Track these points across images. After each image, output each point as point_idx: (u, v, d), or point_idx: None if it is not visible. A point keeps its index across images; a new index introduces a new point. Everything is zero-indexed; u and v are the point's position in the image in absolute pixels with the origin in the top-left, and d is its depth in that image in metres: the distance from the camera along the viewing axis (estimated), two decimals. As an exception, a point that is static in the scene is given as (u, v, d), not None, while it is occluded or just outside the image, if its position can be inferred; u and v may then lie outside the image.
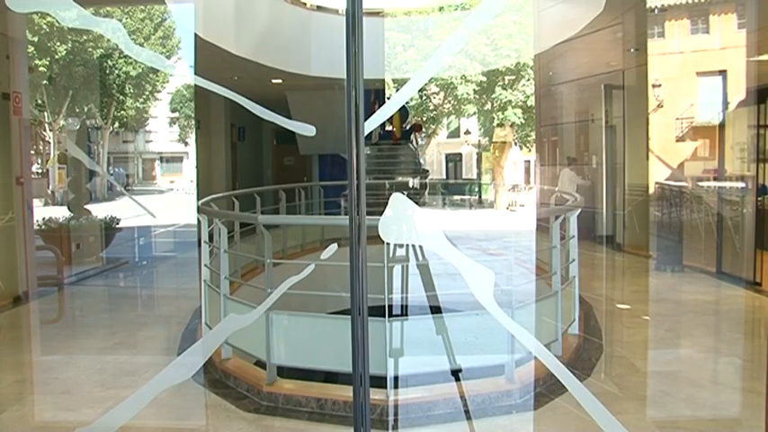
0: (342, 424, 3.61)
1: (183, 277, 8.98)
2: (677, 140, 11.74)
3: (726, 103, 10.73)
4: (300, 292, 5.46)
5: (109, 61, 16.72)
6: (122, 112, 20.00)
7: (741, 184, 7.78)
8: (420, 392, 3.82)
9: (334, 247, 2.69)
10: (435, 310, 5.79)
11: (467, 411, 3.72)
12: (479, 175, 15.66)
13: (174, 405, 3.96)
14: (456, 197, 15.94)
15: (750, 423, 3.46)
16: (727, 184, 8.49)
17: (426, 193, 12.73)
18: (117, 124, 21.50)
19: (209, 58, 8.39)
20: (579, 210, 4.88)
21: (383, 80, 11.24)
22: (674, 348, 5.34)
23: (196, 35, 7.04)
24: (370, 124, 1.11)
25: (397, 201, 2.39)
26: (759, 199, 6.97)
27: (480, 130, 16.98)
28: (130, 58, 17.03)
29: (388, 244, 3.80)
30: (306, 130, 2.51)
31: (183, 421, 3.73)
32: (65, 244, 8.36)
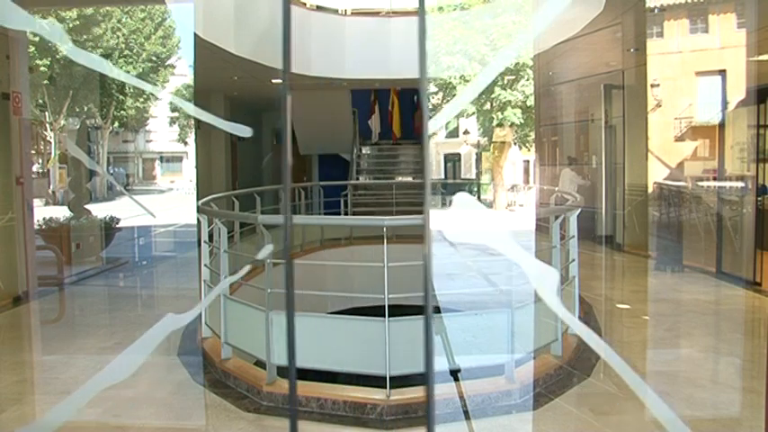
0: (342, 424, 3.61)
1: (183, 277, 8.98)
2: (676, 140, 11.75)
3: (725, 103, 10.73)
4: (301, 292, 5.47)
5: (109, 61, 16.74)
6: (122, 111, 20.02)
7: (741, 184, 7.79)
8: (420, 392, 3.82)
9: (270, 247, 2.64)
10: (435, 310, 5.79)
11: (467, 411, 3.72)
12: (478, 174, 15.65)
13: (174, 405, 3.96)
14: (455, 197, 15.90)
15: (750, 423, 3.46)
16: (727, 184, 8.50)
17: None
18: (117, 124, 21.52)
19: (209, 57, 8.40)
20: (579, 210, 4.88)
21: (382, 80, 11.23)
22: (673, 348, 5.34)
23: (196, 35, 7.04)
24: (435, 123, 1.09)
25: (462, 199, 2.34)
26: (759, 199, 6.98)
27: (479, 130, 16.99)
28: (130, 57, 17.06)
29: (387, 244, 3.80)
30: (241, 131, 2.43)
31: (183, 421, 3.73)
32: (65, 244, 8.36)
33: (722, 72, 11.08)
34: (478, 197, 15.16)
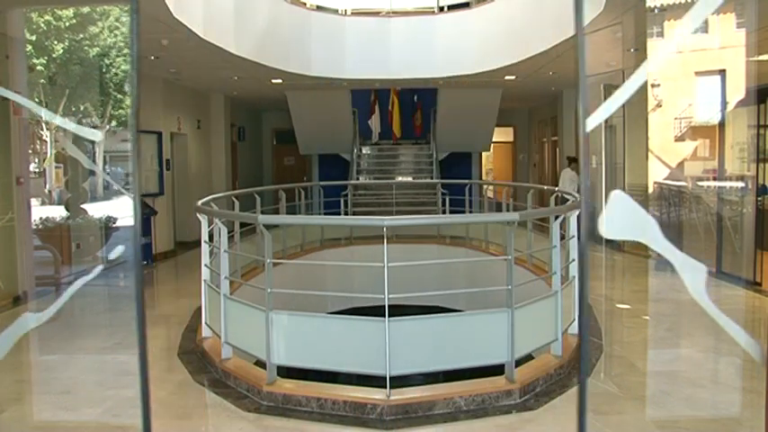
0: (341, 424, 3.60)
1: (183, 277, 8.98)
2: (676, 140, 11.76)
3: (725, 103, 10.74)
4: (301, 291, 5.47)
5: (106, 60, 16.70)
6: (120, 110, 19.97)
7: (741, 184, 7.78)
8: (420, 392, 3.82)
9: (121, 248, 2.50)
10: (435, 309, 5.78)
11: (467, 411, 3.72)
12: (480, 174, 15.64)
13: (174, 405, 3.96)
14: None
15: (750, 423, 3.46)
16: (727, 184, 8.50)
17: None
18: (115, 123, 21.48)
19: (209, 57, 8.40)
20: (579, 210, 4.88)
21: (382, 80, 11.22)
22: (673, 348, 5.34)
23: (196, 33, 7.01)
24: (593, 120, 1.07)
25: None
26: (759, 199, 6.98)
27: (480, 129, 16.94)
28: (128, 56, 17.03)
29: (387, 244, 3.80)
30: (89, 133, 2.22)
31: (183, 421, 3.73)
32: (64, 244, 8.35)
33: (722, 72, 11.09)
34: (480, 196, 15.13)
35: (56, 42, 14.95)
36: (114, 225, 9.19)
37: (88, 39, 15.79)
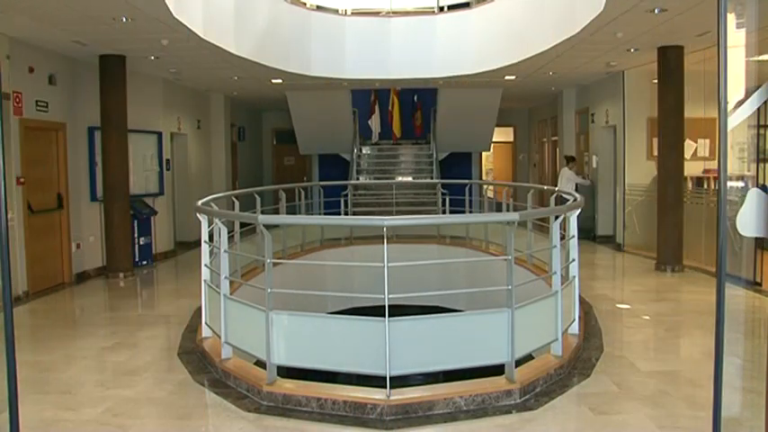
0: (342, 424, 3.60)
1: (183, 277, 8.98)
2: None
3: (725, 103, 10.70)
4: (301, 291, 5.47)
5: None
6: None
7: (741, 184, 7.78)
8: (420, 392, 3.82)
9: None
10: (435, 309, 5.79)
11: (467, 411, 3.72)
12: (480, 174, 15.65)
13: (174, 405, 3.97)
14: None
15: (750, 423, 3.46)
16: (727, 184, 8.49)
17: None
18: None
19: (209, 57, 8.41)
20: (579, 210, 4.88)
21: (382, 80, 11.23)
22: (673, 348, 5.35)
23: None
24: (736, 118, 1.05)
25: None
26: (759, 199, 6.95)
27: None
28: None
29: (387, 244, 3.80)
30: None
31: (183, 421, 3.73)
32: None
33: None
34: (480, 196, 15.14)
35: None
36: None
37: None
